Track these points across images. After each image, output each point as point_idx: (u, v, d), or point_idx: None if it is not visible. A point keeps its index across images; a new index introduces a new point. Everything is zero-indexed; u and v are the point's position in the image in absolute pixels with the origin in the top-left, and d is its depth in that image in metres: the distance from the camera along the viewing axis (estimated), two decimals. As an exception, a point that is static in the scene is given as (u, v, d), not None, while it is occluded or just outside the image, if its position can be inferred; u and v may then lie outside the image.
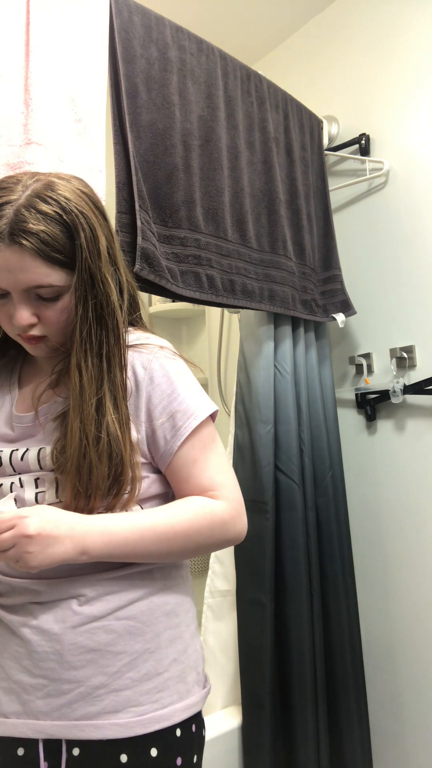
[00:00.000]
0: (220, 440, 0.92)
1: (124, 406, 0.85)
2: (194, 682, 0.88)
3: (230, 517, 0.87)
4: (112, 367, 0.85)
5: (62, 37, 1.19)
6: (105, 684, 0.81)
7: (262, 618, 1.52)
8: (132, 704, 0.81)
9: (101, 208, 0.87)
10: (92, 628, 0.82)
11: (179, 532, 0.83)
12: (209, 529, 0.85)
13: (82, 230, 0.81)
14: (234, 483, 0.90)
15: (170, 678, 0.84)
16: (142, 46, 1.32)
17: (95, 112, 1.23)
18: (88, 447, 0.81)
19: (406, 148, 1.78)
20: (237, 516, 0.88)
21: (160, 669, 0.84)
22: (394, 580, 1.77)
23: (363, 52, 1.90)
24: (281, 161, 1.70)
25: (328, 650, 1.65)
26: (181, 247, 1.35)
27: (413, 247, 1.75)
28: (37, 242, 0.78)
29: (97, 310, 0.84)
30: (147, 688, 0.82)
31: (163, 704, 0.82)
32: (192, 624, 0.92)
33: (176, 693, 0.84)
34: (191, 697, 0.86)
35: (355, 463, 1.88)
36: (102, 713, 0.80)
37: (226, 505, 0.87)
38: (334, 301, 1.82)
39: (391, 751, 1.75)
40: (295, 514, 1.58)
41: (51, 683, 0.81)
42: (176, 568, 0.91)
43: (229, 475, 0.90)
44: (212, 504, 0.86)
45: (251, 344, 1.65)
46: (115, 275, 0.88)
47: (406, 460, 1.75)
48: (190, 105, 1.41)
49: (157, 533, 0.82)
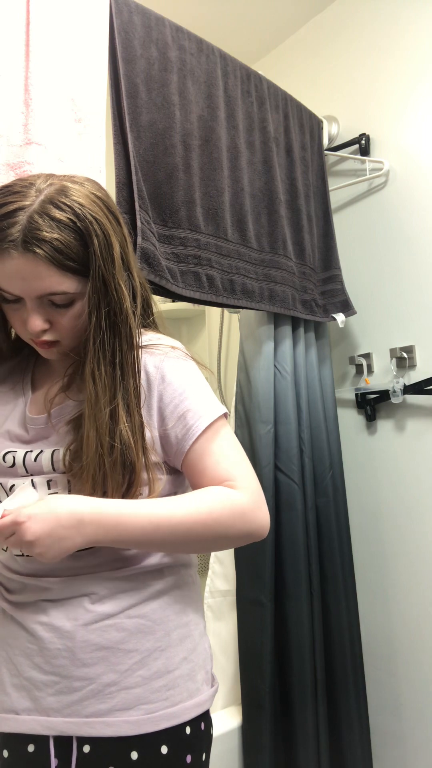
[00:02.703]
0: (234, 437, 0.92)
1: (138, 413, 0.84)
2: (203, 681, 0.89)
3: (250, 508, 0.84)
4: (126, 374, 0.85)
5: (62, 37, 1.19)
6: (116, 682, 0.81)
7: (262, 618, 1.52)
8: (142, 702, 0.81)
9: (115, 211, 0.87)
10: (104, 626, 0.82)
11: (198, 522, 0.81)
12: (230, 519, 0.83)
13: (96, 237, 0.80)
14: (252, 475, 0.88)
15: (180, 676, 0.85)
16: (142, 46, 1.32)
17: (95, 112, 1.23)
18: (104, 456, 0.81)
19: (406, 148, 1.78)
20: (257, 507, 0.85)
21: (171, 667, 0.84)
22: (394, 580, 1.77)
23: (363, 52, 1.90)
24: (281, 161, 1.70)
25: (328, 650, 1.65)
26: (181, 247, 1.35)
27: (413, 247, 1.75)
28: (51, 250, 0.77)
29: (111, 318, 0.83)
30: (157, 686, 0.83)
31: (173, 702, 0.83)
32: (201, 623, 0.92)
33: (186, 691, 0.85)
34: (200, 695, 0.87)
35: (355, 463, 1.88)
36: (113, 710, 0.80)
37: (245, 495, 0.84)
38: (334, 301, 1.82)
39: (391, 751, 1.75)
40: (295, 514, 1.58)
41: (62, 680, 0.81)
42: (185, 567, 0.91)
43: (246, 467, 0.88)
44: (231, 493, 0.84)
45: (251, 344, 1.65)
46: (129, 281, 0.88)
47: (406, 460, 1.75)
48: (190, 105, 1.41)
49: (174, 523, 0.80)
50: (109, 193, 0.88)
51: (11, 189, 0.80)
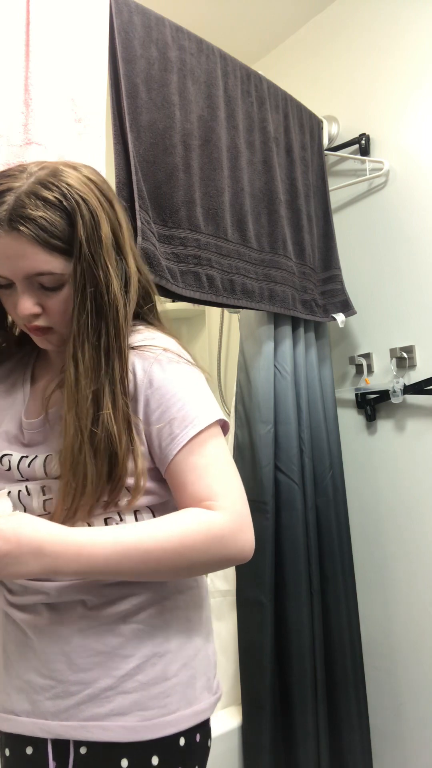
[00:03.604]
0: (225, 449, 0.85)
1: (123, 403, 0.80)
2: (203, 688, 0.85)
3: (230, 531, 0.78)
4: (111, 360, 0.80)
5: (62, 37, 1.19)
6: (113, 686, 0.80)
7: (262, 618, 1.52)
8: (139, 708, 0.79)
9: (109, 196, 0.84)
10: (101, 631, 0.81)
11: (168, 549, 0.75)
12: (204, 544, 0.76)
13: (81, 216, 0.78)
14: (238, 494, 0.81)
15: (179, 683, 0.82)
16: (142, 46, 1.32)
17: (95, 112, 1.23)
18: (83, 443, 0.77)
19: (406, 148, 1.78)
20: (239, 530, 0.79)
21: (169, 674, 0.82)
22: (394, 580, 1.77)
23: (363, 52, 1.90)
24: (281, 161, 1.70)
25: (328, 650, 1.64)
26: (181, 247, 1.35)
27: (413, 247, 1.75)
28: (35, 228, 0.76)
29: (97, 300, 0.80)
30: (155, 692, 0.80)
31: (170, 710, 0.81)
32: (204, 629, 0.89)
33: (184, 699, 0.82)
34: (199, 703, 0.84)
35: (355, 463, 1.88)
36: (110, 715, 0.79)
37: (224, 516, 0.78)
38: (334, 301, 1.82)
39: (391, 751, 1.75)
40: (295, 514, 1.58)
41: (59, 684, 0.80)
42: None
43: (231, 485, 0.82)
44: (209, 516, 0.78)
45: (251, 344, 1.65)
46: (121, 265, 0.84)
47: (406, 460, 1.75)
48: (190, 105, 1.41)
49: (142, 550, 0.74)
50: (107, 181, 0.87)
51: (5, 173, 0.80)
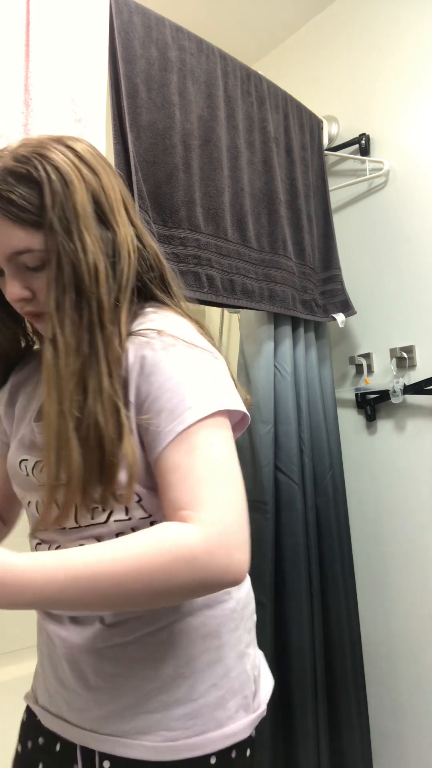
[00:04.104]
0: (224, 448, 0.72)
1: (110, 387, 0.71)
2: (238, 708, 0.78)
3: (204, 551, 0.63)
4: (94, 338, 0.72)
5: (62, 37, 1.19)
6: (135, 704, 0.75)
7: (262, 618, 1.51)
8: (163, 728, 0.74)
9: (93, 164, 0.77)
10: (119, 650, 0.76)
11: (128, 571, 0.63)
12: (172, 566, 0.63)
13: (50, 186, 0.72)
14: (227, 504, 0.67)
15: (206, 705, 0.76)
16: (142, 46, 1.32)
17: (95, 112, 1.23)
18: (67, 429, 0.70)
19: (406, 148, 1.78)
20: (218, 549, 0.64)
21: (195, 695, 0.76)
22: (394, 580, 1.77)
23: (363, 52, 1.90)
24: (281, 161, 1.70)
25: (328, 650, 1.64)
26: (181, 247, 1.35)
27: (413, 247, 1.75)
28: (6, 204, 0.72)
29: (76, 274, 0.72)
30: (179, 713, 0.75)
31: (196, 732, 0.75)
32: (239, 644, 0.81)
33: (213, 720, 0.76)
34: (232, 724, 0.77)
35: (355, 463, 1.88)
36: (132, 732, 0.75)
37: (199, 533, 0.64)
38: (334, 301, 1.82)
39: (391, 751, 1.75)
40: (295, 514, 1.58)
41: (80, 698, 0.78)
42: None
43: (220, 491, 0.68)
44: (181, 531, 0.65)
45: (251, 344, 1.65)
46: (106, 235, 0.76)
47: (406, 460, 1.75)
48: (190, 105, 1.41)
49: (97, 573, 0.62)
50: (100, 152, 0.81)
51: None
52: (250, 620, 0.85)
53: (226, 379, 0.77)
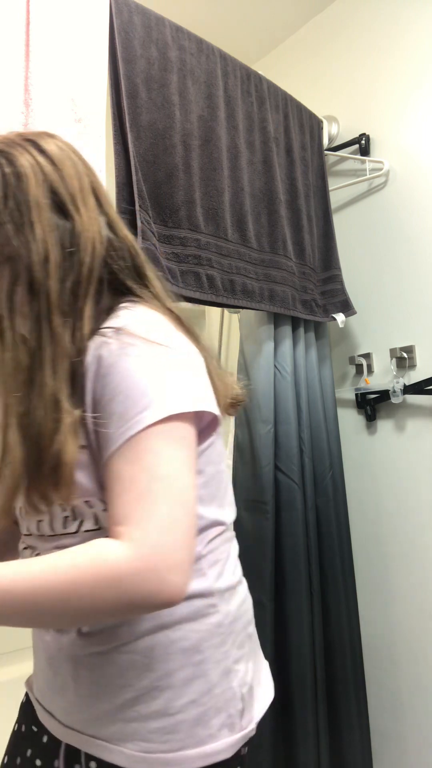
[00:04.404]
0: (175, 458, 0.67)
1: (53, 381, 0.69)
2: (222, 726, 0.75)
3: (131, 572, 0.61)
4: (42, 331, 0.70)
5: (62, 37, 1.19)
6: (113, 711, 0.74)
7: (262, 618, 1.52)
8: (140, 738, 0.72)
9: (53, 155, 0.76)
10: (96, 659, 0.75)
11: (46, 591, 0.61)
12: (94, 587, 0.61)
13: (3, 177, 0.72)
14: (161, 522, 0.63)
15: (184, 721, 0.73)
16: (142, 46, 1.32)
17: (95, 112, 1.23)
18: (10, 421, 0.68)
19: (406, 148, 1.78)
20: (146, 570, 0.61)
21: (172, 710, 0.72)
22: (394, 580, 1.77)
23: (363, 52, 1.90)
24: (281, 161, 1.70)
25: (328, 650, 1.64)
26: (181, 247, 1.35)
27: (413, 247, 1.75)
28: None
29: (27, 264, 0.71)
30: (155, 726, 0.72)
31: (172, 747, 0.72)
32: (225, 660, 0.77)
33: (191, 738, 0.72)
34: (213, 743, 0.73)
35: (355, 463, 1.88)
36: (112, 737, 0.73)
37: (127, 552, 0.61)
38: (334, 301, 1.82)
39: (391, 751, 1.75)
40: (295, 514, 1.58)
41: (65, 699, 0.78)
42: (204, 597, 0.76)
43: (157, 508, 0.63)
44: (108, 550, 0.62)
45: (251, 344, 1.65)
46: (64, 225, 0.74)
47: (406, 460, 1.75)
48: (190, 105, 1.41)
49: (17, 593, 0.61)
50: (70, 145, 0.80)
51: None
52: (242, 634, 0.80)
53: (191, 379, 0.72)
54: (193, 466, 0.69)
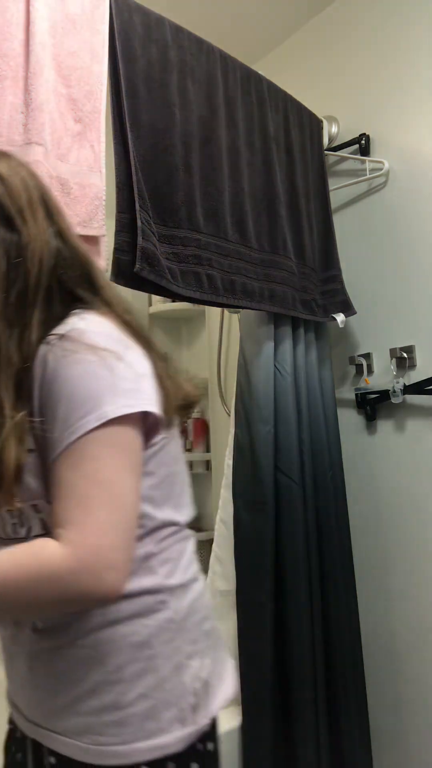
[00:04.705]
0: (115, 462, 0.71)
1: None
2: (173, 720, 0.77)
3: (70, 571, 0.66)
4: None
5: (62, 37, 1.19)
6: (69, 705, 0.77)
7: (262, 618, 1.52)
8: (93, 732, 0.75)
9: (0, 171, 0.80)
10: (50, 654, 0.78)
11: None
12: (35, 583, 0.67)
13: None
14: (99, 525, 0.68)
15: (135, 714, 0.75)
16: (142, 46, 1.32)
17: (95, 112, 1.23)
18: None
19: (406, 148, 1.78)
20: (83, 571, 0.66)
21: (123, 703, 0.75)
22: (394, 580, 1.77)
23: (363, 52, 1.90)
24: (281, 161, 1.70)
25: (328, 650, 1.64)
26: (181, 247, 1.35)
27: (413, 247, 1.75)
28: None
29: None
30: (108, 720, 0.75)
31: (123, 740, 0.75)
32: (177, 655, 0.79)
33: (142, 731, 0.75)
34: (163, 736, 0.76)
35: (355, 463, 1.88)
36: (68, 731, 0.76)
37: (65, 553, 0.66)
38: (334, 301, 1.82)
39: (391, 751, 1.75)
40: (295, 514, 1.58)
41: (25, 692, 0.82)
42: (154, 594, 0.79)
43: (95, 512, 0.68)
44: (49, 551, 0.67)
45: (251, 344, 1.65)
46: (10, 237, 0.77)
47: (406, 460, 1.75)
48: (190, 105, 1.41)
49: None
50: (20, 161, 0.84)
51: None
52: (196, 630, 0.82)
53: (133, 383, 0.74)
54: (134, 469, 0.73)
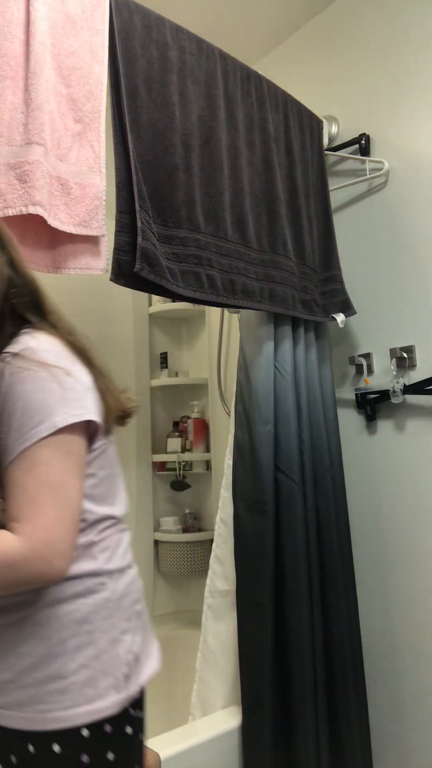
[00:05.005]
0: (61, 466, 0.84)
1: None
2: (109, 687, 0.87)
3: (23, 559, 0.79)
4: None
5: (62, 37, 1.19)
6: (12, 680, 0.85)
7: (262, 618, 1.52)
8: (36, 702, 0.84)
9: None
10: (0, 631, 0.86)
11: None
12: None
13: None
14: (47, 520, 0.81)
15: (76, 682, 0.85)
16: (142, 46, 1.32)
17: (95, 112, 1.23)
18: None
19: (406, 148, 1.78)
20: (35, 558, 0.80)
21: (65, 673, 0.85)
22: (394, 580, 1.77)
23: (363, 52, 1.90)
24: (281, 161, 1.70)
25: (328, 650, 1.64)
26: (181, 247, 1.35)
27: (413, 247, 1.75)
28: None
29: None
30: (50, 689, 0.84)
31: (64, 706, 0.84)
32: (113, 630, 0.89)
33: (81, 697, 0.85)
34: (101, 701, 0.86)
35: (355, 463, 1.88)
36: (11, 705, 0.84)
37: (19, 543, 0.80)
38: (334, 301, 1.82)
39: (391, 751, 1.75)
40: (295, 514, 1.58)
41: None
42: (95, 577, 0.89)
43: (42, 508, 0.81)
44: (6, 541, 0.80)
45: (251, 344, 1.65)
46: None
47: (406, 460, 1.75)
48: (190, 105, 1.41)
49: None
50: None
51: None
52: (129, 610, 0.93)
53: (78, 396, 0.86)
54: (78, 472, 0.86)
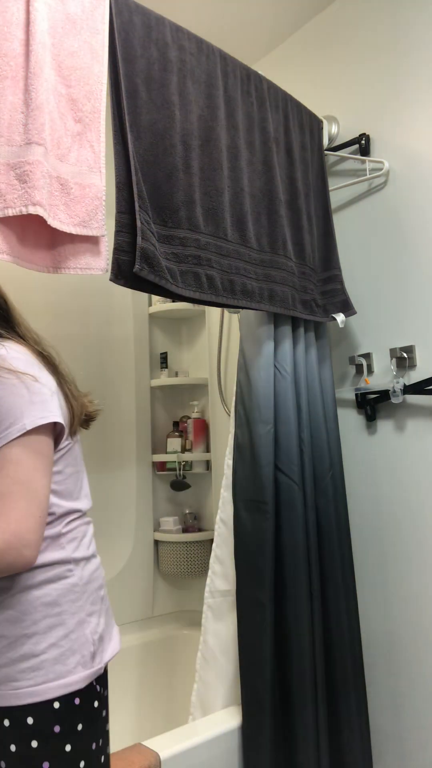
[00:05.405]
0: (31, 465, 0.93)
1: None
2: (77, 664, 0.97)
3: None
4: None
5: (62, 37, 1.19)
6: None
7: (262, 618, 1.52)
8: (10, 680, 0.93)
9: None
10: None
11: None
12: None
13: None
14: (18, 514, 0.91)
15: (47, 660, 0.94)
16: (142, 46, 1.32)
17: (95, 112, 1.23)
18: None
19: (406, 148, 1.78)
20: (8, 549, 0.89)
21: (37, 652, 0.94)
22: (394, 580, 1.77)
23: (363, 52, 1.90)
24: (281, 161, 1.70)
25: (328, 650, 1.64)
26: (180, 247, 1.35)
27: (413, 247, 1.76)
28: None
29: None
30: (23, 667, 0.93)
31: (37, 682, 0.93)
32: (80, 612, 1.00)
33: (52, 673, 0.94)
34: (70, 676, 0.96)
35: (355, 463, 1.88)
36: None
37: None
38: (334, 301, 1.82)
39: (391, 751, 1.75)
40: (295, 514, 1.58)
41: None
42: (63, 564, 0.99)
43: (14, 505, 0.91)
44: None
45: (251, 344, 1.65)
46: None
47: (406, 460, 1.75)
48: (190, 105, 1.41)
49: None
50: None
51: None
52: (94, 595, 1.04)
53: (44, 400, 0.95)
54: (46, 469, 0.96)
